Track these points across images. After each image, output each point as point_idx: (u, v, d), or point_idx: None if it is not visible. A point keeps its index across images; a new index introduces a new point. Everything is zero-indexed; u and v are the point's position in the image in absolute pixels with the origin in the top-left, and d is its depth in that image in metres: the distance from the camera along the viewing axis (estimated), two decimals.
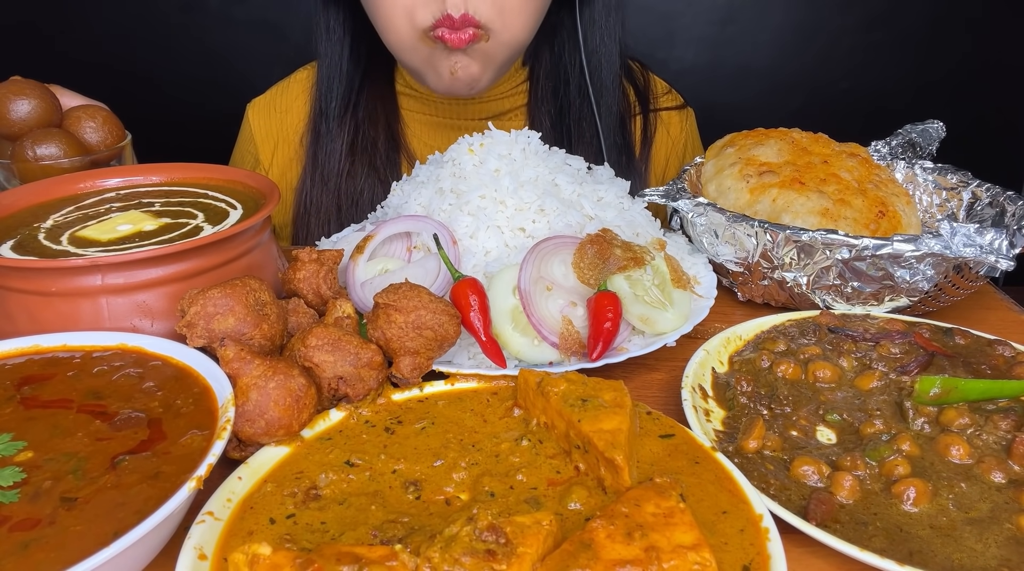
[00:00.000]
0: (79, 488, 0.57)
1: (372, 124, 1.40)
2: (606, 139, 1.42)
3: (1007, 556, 0.61)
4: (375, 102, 1.41)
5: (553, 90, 1.44)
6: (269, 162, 1.48)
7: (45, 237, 0.85)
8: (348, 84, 1.39)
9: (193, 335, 0.73)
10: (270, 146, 1.48)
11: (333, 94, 1.40)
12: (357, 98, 1.40)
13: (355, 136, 1.39)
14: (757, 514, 0.62)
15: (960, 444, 0.72)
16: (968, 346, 0.90)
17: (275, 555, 0.52)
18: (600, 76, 1.42)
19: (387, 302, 0.79)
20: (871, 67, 3.21)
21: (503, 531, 0.54)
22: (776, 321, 0.95)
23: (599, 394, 0.71)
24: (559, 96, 1.44)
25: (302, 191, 1.42)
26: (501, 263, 0.95)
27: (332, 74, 1.40)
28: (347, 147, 1.38)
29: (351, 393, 0.76)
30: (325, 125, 1.40)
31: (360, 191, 1.39)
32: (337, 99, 1.39)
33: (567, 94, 1.43)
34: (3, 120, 1.02)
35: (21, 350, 0.74)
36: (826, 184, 1.07)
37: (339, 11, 1.37)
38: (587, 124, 1.43)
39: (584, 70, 1.40)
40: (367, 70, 1.41)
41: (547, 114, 1.44)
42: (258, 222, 0.86)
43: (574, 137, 1.43)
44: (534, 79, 1.45)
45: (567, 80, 1.43)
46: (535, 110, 1.44)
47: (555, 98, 1.44)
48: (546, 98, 1.44)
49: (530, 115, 1.45)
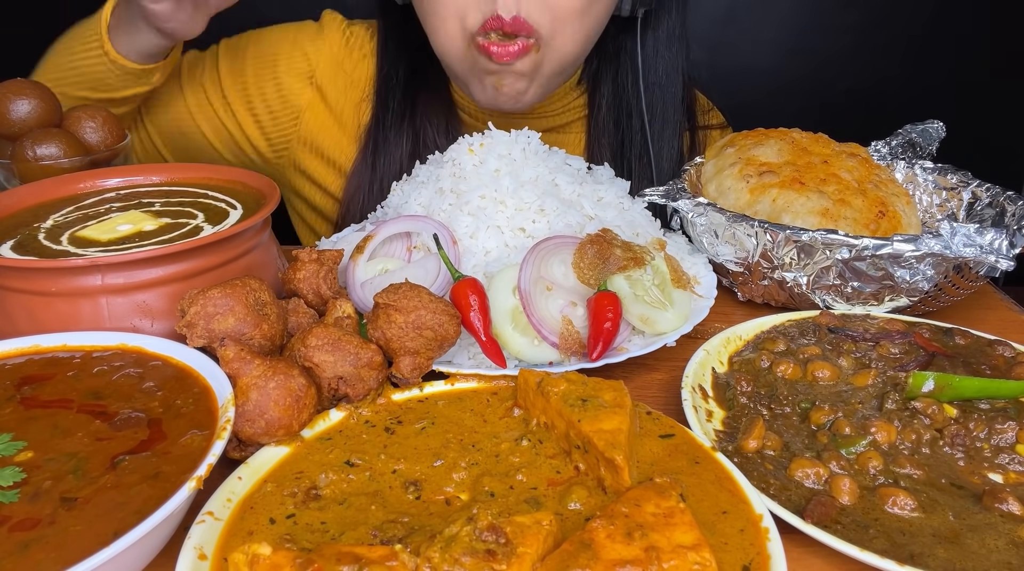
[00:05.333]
0: (79, 488, 0.57)
1: (436, 129, 1.37)
2: (660, 180, 1.36)
3: (1007, 560, 0.61)
4: (434, 108, 1.38)
5: (615, 122, 1.39)
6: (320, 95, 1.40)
7: (45, 237, 0.85)
8: (404, 94, 1.37)
9: (193, 335, 0.73)
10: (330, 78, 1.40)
11: (389, 105, 1.37)
12: (413, 107, 1.37)
13: (415, 144, 1.36)
14: (757, 514, 0.62)
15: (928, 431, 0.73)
16: (968, 346, 0.90)
17: (275, 555, 0.52)
18: (662, 110, 1.36)
19: (387, 302, 0.79)
20: (871, 67, 3.21)
21: (503, 531, 0.54)
22: (776, 321, 0.95)
23: (599, 394, 0.71)
24: (621, 129, 1.39)
25: (359, 201, 1.38)
26: (501, 263, 0.95)
27: (388, 84, 1.38)
28: (407, 155, 1.35)
29: (351, 393, 0.76)
30: (383, 134, 1.37)
31: None
32: (393, 109, 1.37)
33: (629, 127, 1.38)
34: (3, 120, 1.02)
35: (21, 350, 0.74)
36: (826, 184, 1.07)
37: (396, 23, 1.35)
38: (648, 161, 1.38)
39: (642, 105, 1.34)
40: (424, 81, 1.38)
41: (608, 146, 1.40)
42: (258, 222, 0.86)
43: (634, 172, 1.39)
44: (595, 107, 1.40)
45: (630, 112, 1.38)
46: (595, 142, 1.40)
47: (617, 130, 1.39)
48: (607, 130, 1.40)
49: (589, 147, 1.41)
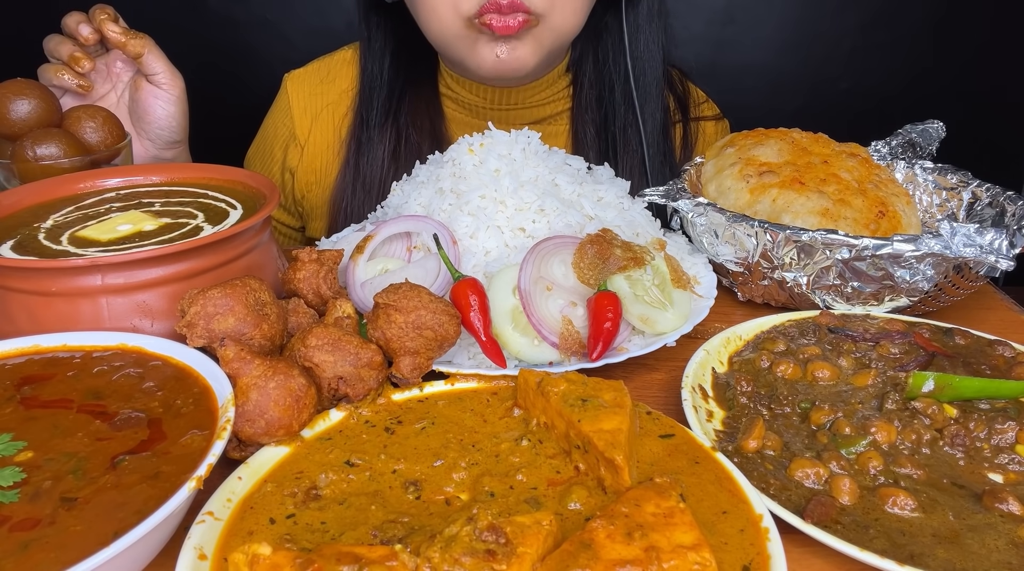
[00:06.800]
0: (79, 488, 0.57)
1: (416, 129, 1.38)
2: (649, 147, 1.40)
3: (1007, 560, 0.61)
4: (418, 107, 1.40)
5: (597, 98, 1.42)
6: (305, 137, 1.45)
7: (45, 237, 0.85)
8: (388, 91, 1.39)
9: (193, 335, 0.73)
10: (308, 121, 1.46)
11: (373, 103, 1.39)
12: (398, 105, 1.39)
13: (397, 143, 1.38)
14: (757, 514, 0.62)
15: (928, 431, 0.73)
16: (968, 346, 0.90)
17: (275, 555, 0.52)
18: (644, 82, 1.40)
19: (387, 302, 0.79)
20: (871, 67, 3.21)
21: (503, 531, 0.54)
22: (776, 321, 0.95)
23: (599, 394, 0.71)
24: (603, 103, 1.42)
25: (342, 199, 1.40)
26: (501, 263, 0.95)
27: (373, 83, 1.39)
28: (389, 154, 1.37)
29: (351, 393, 0.76)
30: (366, 133, 1.39)
31: None
32: (378, 108, 1.38)
33: (612, 101, 1.41)
34: (3, 120, 1.02)
35: (21, 350, 0.74)
36: (826, 184, 1.07)
37: (380, 19, 1.37)
38: (632, 132, 1.41)
39: (629, 76, 1.38)
40: (409, 77, 1.40)
41: (591, 121, 1.42)
42: (258, 222, 0.86)
43: (619, 145, 1.41)
44: (578, 85, 1.43)
45: (612, 87, 1.41)
46: (579, 118, 1.43)
47: (599, 105, 1.42)
48: (590, 105, 1.42)
49: (574, 122, 1.44)
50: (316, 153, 1.46)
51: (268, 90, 1.58)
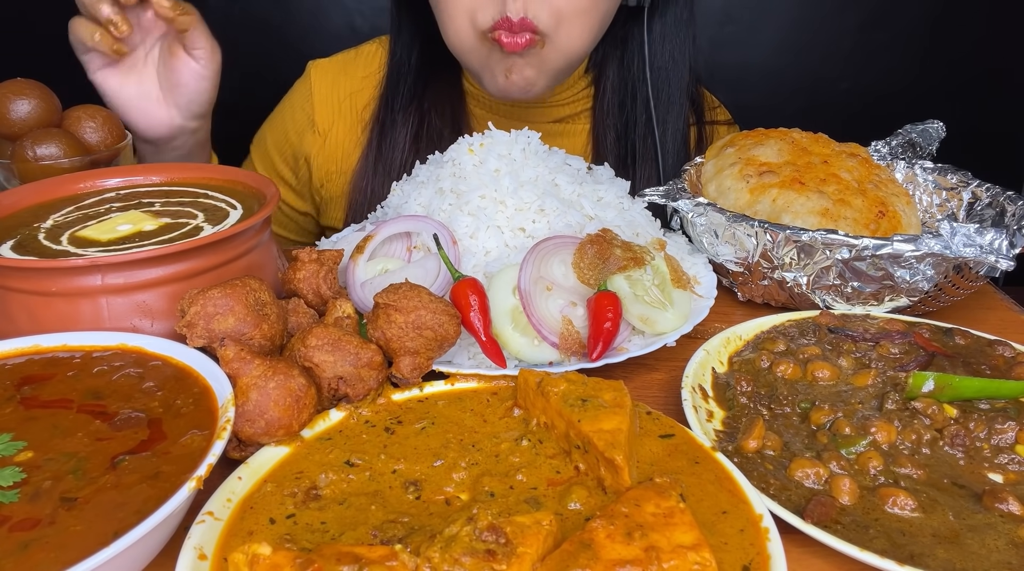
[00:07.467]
0: (79, 488, 0.57)
1: (439, 115, 1.39)
2: (669, 157, 1.40)
3: (1007, 560, 0.61)
4: (442, 94, 1.41)
5: (620, 104, 1.42)
6: (327, 127, 1.45)
7: (45, 237, 0.85)
8: (416, 78, 1.40)
9: (193, 335, 0.73)
10: (329, 111, 1.46)
11: (400, 88, 1.40)
12: (424, 90, 1.40)
13: (420, 127, 1.38)
14: (757, 514, 0.62)
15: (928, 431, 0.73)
16: (968, 346, 0.90)
17: (275, 555, 0.52)
18: (668, 92, 1.39)
19: (387, 302, 0.79)
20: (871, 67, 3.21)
21: (503, 531, 0.54)
22: (776, 321, 0.95)
23: (599, 394, 0.71)
24: (625, 111, 1.42)
25: (363, 179, 1.41)
26: (501, 263, 0.95)
27: (401, 69, 1.41)
28: (411, 137, 1.38)
29: (351, 393, 0.76)
30: (390, 116, 1.40)
31: None
32: (403, 92, 1.40)
33: (634, 109, 1.41)
34: (3, 120, 1.02)
35: (21, 350, 0.74)
36: (826, 184, 1.07)
37: (411, 12, 1.38)
38: (652, 141, 1.41)
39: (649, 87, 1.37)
40: (435, 69, 1.41)
41: (612, 127, 1.42)
42: (258, 222, 0.86)
43: (638, 153, 1.41)
44: (600, 90, 1.43)
45: (635, 95, 1.41)
46: (600, 123, 1.43)
47: (621, 112, 1.42)
48: (612, 111, 1.42)
49: (595, 129, 1.44)
50: (337, 143, 1.46)
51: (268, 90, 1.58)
